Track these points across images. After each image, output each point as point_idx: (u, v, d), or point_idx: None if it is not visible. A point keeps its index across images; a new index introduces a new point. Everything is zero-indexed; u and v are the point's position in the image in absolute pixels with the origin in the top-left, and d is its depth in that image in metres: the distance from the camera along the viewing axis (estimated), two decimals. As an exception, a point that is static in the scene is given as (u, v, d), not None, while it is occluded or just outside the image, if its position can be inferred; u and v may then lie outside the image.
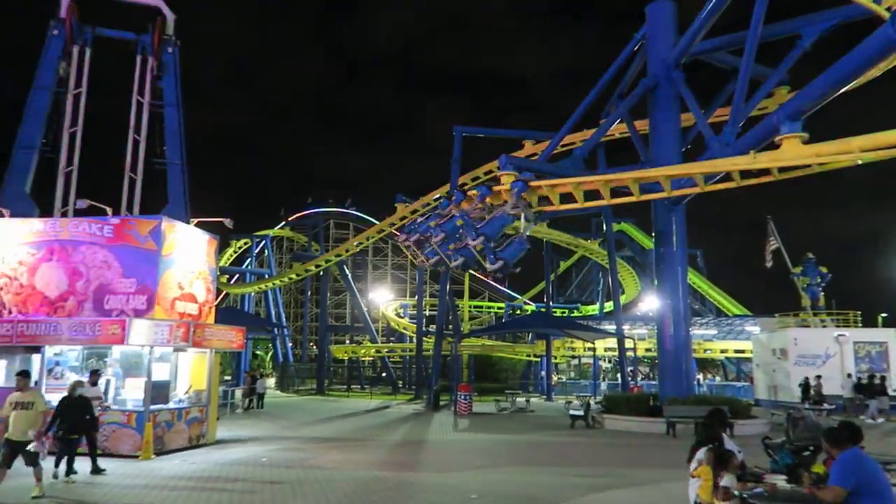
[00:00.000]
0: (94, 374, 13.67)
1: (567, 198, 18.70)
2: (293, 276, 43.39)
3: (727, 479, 6.07)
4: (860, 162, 14.78)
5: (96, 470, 11.77)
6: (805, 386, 25.70)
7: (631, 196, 17.99)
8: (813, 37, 19.10)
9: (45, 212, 25.64)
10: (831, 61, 14.74)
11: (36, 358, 14.78)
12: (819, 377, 26.29)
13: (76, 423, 11.24)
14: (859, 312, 32.08)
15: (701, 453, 6.51)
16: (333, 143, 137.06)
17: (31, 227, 16.18)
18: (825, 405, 22.84)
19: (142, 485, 10.84)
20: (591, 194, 18.56)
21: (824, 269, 34.04)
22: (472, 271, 26.19)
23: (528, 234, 18.04)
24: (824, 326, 32.38)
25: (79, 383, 11.93)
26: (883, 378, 26.08)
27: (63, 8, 27.44)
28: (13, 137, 26.29)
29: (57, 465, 11.19)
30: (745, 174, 16.55)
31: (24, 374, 10.57)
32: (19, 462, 9.91)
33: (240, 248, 55.20)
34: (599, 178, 18.24)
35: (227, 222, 19.71)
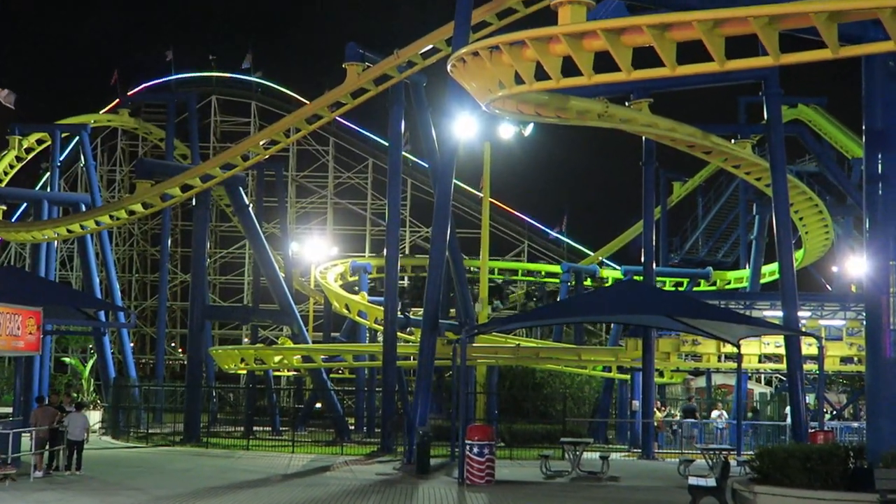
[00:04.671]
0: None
1: (691, 52, 18.62)
2: (137, 207, 43.37)
3: None
4: None
5: None
6: None
7: (821, 49, 17.89)
8: None
9: None
10: None
11: None
12: None
13: None
14: None
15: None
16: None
17: None
18: None
19: None
20: (739, 45, 18.48)
21: None
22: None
23: None
24: None
25: None
26: None
27: None
28: None
29: None
30: None
31: None
32: None
33: (30, 150, 55.03)
34: (757, 10, 18.11)
35: (5, 97, 19.69)
